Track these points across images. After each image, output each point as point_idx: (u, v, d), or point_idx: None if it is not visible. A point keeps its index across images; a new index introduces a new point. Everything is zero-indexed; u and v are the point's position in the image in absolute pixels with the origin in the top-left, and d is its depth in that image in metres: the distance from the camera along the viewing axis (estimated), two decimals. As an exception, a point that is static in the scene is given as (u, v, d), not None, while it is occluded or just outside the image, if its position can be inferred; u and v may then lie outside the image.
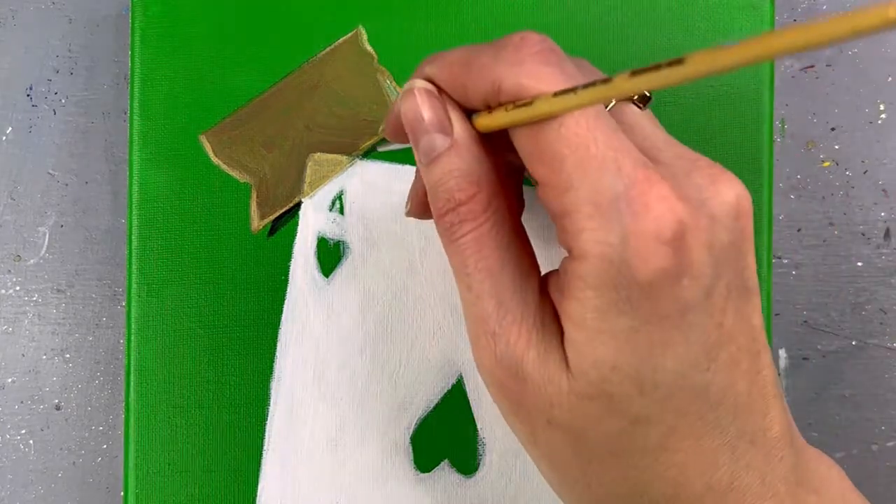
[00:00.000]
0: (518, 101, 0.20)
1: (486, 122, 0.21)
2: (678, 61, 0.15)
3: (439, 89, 0.22)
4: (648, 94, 0.23)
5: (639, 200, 0.18)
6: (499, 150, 0.23)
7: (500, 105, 0.20)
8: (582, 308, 0.19)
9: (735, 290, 0.20)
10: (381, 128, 0.29)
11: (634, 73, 0.16)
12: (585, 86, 0.18)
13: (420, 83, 0.22)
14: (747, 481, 0.20)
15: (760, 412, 0.21)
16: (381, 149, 0.30)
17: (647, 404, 0.20)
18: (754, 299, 0.21)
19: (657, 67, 0.16)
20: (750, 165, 0.30)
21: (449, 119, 0.22)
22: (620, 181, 0.19)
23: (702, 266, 0.19)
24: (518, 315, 0.21)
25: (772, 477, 0.21)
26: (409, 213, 0.26)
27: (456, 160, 0.21)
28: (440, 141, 0.22)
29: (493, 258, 0.21)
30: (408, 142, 0.23)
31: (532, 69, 0.20)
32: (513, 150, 0.22)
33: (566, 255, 0.20)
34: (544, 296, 0.21)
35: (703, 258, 0.19)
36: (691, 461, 0.20)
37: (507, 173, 0.23)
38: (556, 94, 0.19)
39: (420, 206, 0.25)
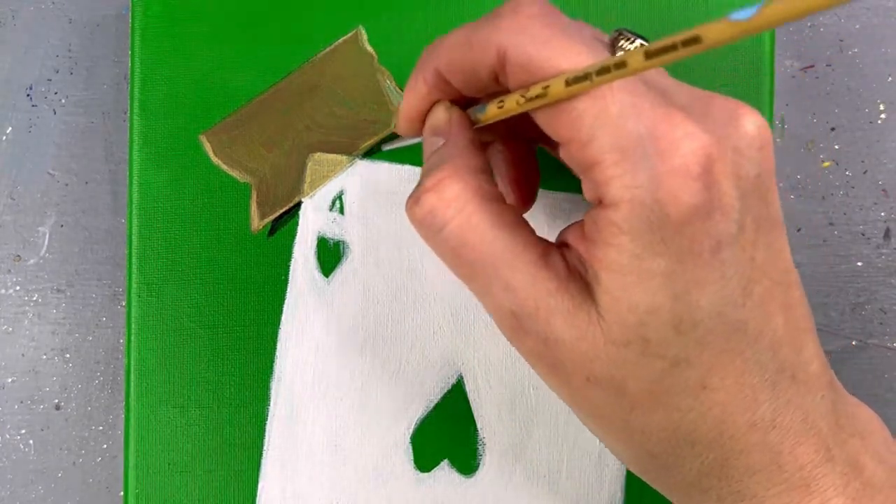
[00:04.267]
0: (528, 93, 0.20)
1: (498, 113, 0.21)
2: (695, 39, 0.15)
3: (444, 82, 0.22)
4: None
5: (664, 139, 0.18)
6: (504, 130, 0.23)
7: (510, 94, 0.20)
8: (617, 254, 0.19)
9: (764, 223, 0.20)
10: (392, 124, 0.30)
11: (649, 54, 0.16)
12: (599, 72, 0.18)
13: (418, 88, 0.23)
14: (789, 418, 0.20)
15: (797, 347, 0.21)
16: (385, 147, 0.30)
17: (685, 345, 0.19)
18: (782, 232, 0.21)
19: (673, 48, 0.16)
20: (750, 165, 0.30)
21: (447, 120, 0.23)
22: (642, 123, 0.18)
23: (731, 199, 0.19)
24: (529, 292, 0.20)
25: (814, 415, 0.21)
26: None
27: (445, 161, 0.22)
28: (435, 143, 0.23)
29: (482, 243, 0.21)
30: (418, 135, 0.24)
31: (536, 34, 0.20)
32: (522, 125, 0.21)
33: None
34: (553, 258, 0.21)
35: (731, 192, 0.19)
36: (732, 399, 0.20)
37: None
38: (569, 84, 0.18)
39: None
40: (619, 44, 0.22)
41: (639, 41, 0.22)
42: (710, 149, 0.18)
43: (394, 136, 0.30)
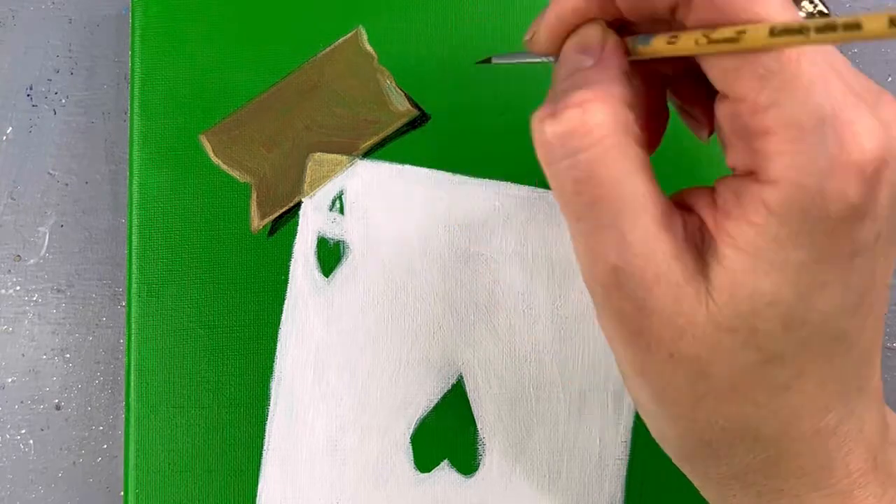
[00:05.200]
0: (715, 35, 0.17)
1: (667, 49, 0.19)
2: None
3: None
4: None
5: (847, 129, 0.17)
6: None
7: (686, 31, 0.18)
8: (756, 235, 0.18)
9: (892, 236, 0.19)
10: (392, 123, 0.27)
11: (893, 21, 0.14)
12: (821, 28, 0.15)
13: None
14: (849, 427, 0.20)
15: (871, 360, 0.20)
16: (496, 61, 0.25)
17: (788, 343, 0.18)
18: None
19: None
20: (750, 165, 0.30)
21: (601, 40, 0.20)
22: (829, 103, 0.17)
23: (883, 209, 0.18)
24: (642, 249, 0.18)
25: (868, 427, 0.20)
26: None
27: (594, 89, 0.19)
28: (584, 60, 0.20)
29: (612, 183, 0.18)
30: (554, 53, 0.21)
31: None
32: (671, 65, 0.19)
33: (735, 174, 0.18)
34: (675, 219, 0.19)
35: (885, 200, 0.18)
36: (808, 403, 0.19)
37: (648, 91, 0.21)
38: (774, 34, 0.16)
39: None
40: (801, 3, 0.20)
41: (822, 6, 0.20)
42: (886, 152, 0.17)
43: (490, 55, 0.26)
